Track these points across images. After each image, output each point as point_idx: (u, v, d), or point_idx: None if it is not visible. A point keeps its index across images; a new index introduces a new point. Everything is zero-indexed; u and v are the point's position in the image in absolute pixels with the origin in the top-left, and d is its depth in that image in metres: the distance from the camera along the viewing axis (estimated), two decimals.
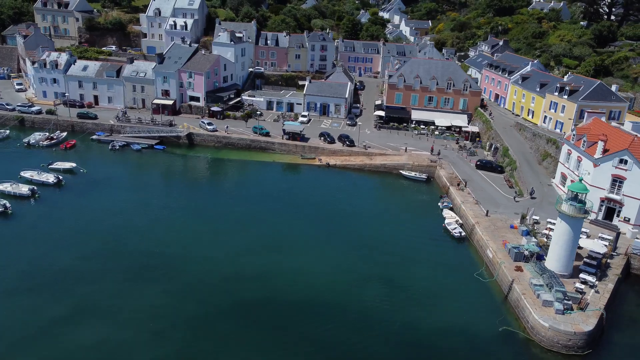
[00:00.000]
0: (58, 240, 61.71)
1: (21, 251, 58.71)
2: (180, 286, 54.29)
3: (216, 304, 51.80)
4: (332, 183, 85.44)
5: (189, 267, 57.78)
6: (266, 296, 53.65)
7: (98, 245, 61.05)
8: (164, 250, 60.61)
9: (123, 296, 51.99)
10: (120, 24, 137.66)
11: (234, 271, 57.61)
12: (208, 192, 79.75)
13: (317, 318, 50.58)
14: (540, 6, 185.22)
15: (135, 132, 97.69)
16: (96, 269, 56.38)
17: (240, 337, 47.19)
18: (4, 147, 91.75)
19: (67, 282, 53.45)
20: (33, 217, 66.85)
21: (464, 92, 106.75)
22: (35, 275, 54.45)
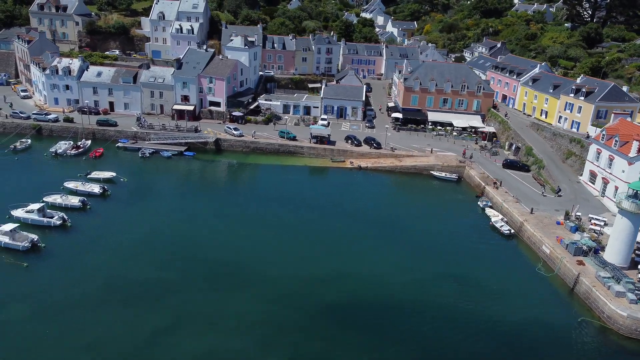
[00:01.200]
0: (125, 251, 61.56)
1: (94, 263, 58.37)
2: (265, 292, 55.42)
3: (306, 307, 53.28)
4: (369, 185, 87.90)
5: (265, 272, 58.86)
6: (348, 298, 55.57)
7: (167, 255, 61.30)
8: (235, 257, 61.43)
9: (215, 304, 52.79)
10: (123, 27, 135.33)
11: (308, 275, 59.10)
12: (253, 198, 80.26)
13: (405, 316, 52.87)
14: (523, 8, 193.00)
15: (162, 138, 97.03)
16: (176, 278, 56.80)
17: (343, 339, 48.95)
18: (30, 157, 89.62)
19: (156, 293, 53.76)
20: (91, 229, 66.15)
21: (477, 93, 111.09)
22: (120, 287, 54.46)
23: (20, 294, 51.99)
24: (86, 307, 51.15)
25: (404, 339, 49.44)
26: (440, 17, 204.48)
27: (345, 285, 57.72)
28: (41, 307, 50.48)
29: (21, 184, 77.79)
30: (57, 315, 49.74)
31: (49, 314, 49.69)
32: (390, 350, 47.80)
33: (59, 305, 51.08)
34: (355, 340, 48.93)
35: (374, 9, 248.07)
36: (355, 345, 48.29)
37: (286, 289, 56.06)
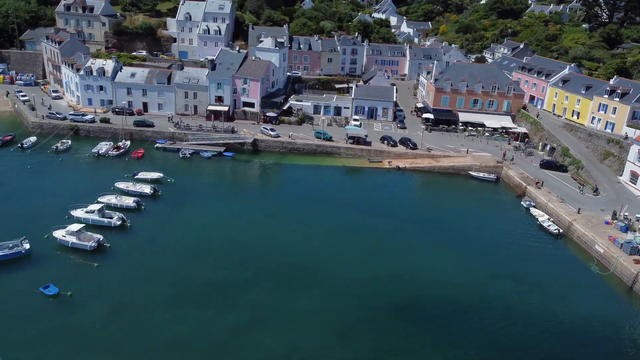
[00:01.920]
0: (186, 251, 62.38)
1: (160, 263, 59.21)
2: (330, 290, 56.35)
3: (374, 306, 54.30)
4: (410, 185, 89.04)
5: (326, 271, 59.77)
6: (413, 297, 56.60)
7: (227, 255, 62.10)
8: (294, 257, 62.25)
9: (285, 303, 53.71)
10: (150, 28, 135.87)
11: (369, 274, 59.96)
12: (298, 198, 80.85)
13: (471, 316, 53.86)
14: (539, 9, 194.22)
15: (200, 139, 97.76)
16: (242, 277, 57.63)
17: (416, 337, 49.99)
18: (74, 158, 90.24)
19: (225, 292, 54.64)
20: (149, 229, 66.88)
21: (507, 94, 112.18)
22: (189, 286, 55.30)
23: (96, 293, 52.79)
24: (160, 306, 52.06)
25: (473, 338, 50.46)
26: (456, 18, 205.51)
27: (407, 284, 58.66)
28: (117, 307, 51.31)
29: (72, 185, 78.65)
30: (133, 314, 50.58)
31: (125, 314, 50.52)
32: (465, 348, 48.83)
33: (133, 305, 51.94)
34: (428, 337, 50.03)
35: (386, 9, 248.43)
36: (429, 342, 49.37)
37: (350, 288, 56.99)
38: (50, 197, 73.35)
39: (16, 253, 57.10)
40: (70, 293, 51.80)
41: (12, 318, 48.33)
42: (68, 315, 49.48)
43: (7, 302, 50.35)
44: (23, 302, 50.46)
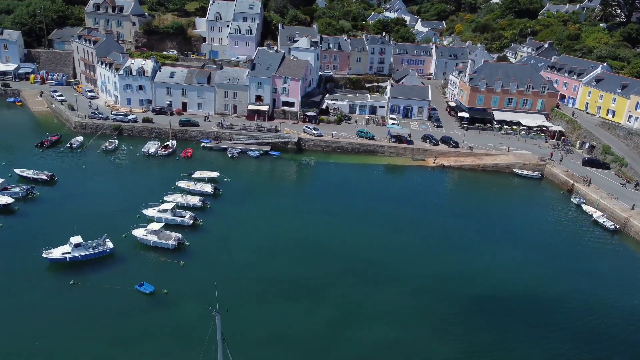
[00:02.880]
0: (262, 248, 63.28)
1: (240, 261, 60.15)
2: (413, 285, 57.73)
3: (456, 301, 55.62)
4: (457, 183, 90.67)
5: (399, 268, 61.04)
6: (491, 291, 58.03)
7: (301, 252, 63.11)
8: (364, 253, 63.54)
9: (374, 297, 55.08)
10: (181, 28, 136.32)
11: (441, 270, 61.38)
12: (353, 196, 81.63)
13: (551, 308, 55.42)
14: (554, 8, 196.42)
15: (246, 138, 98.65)
16: (325, 273, 58.77)
17: (505, 331, 51.42)
18: (125, 158, 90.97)
19: (312, 288, 55.85)
20: (220, 227, 67.66)
21: (542, 93, 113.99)
22: (277, 283, 56.37)
23: (188, 291, 53.68)
24: (253, 302, 53.18)
25: (560, 331, 51.93)
26: (471, 17, 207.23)
27: (483, 280, 60.04)
28: (211, 304, 52.13)
29: (133, 184, 79.53)
30: (229, 311, 51.45)
31: (222, 304, 51.22)
32: (554, 341, 50.30)
33: (226, 302, 52.79)
34: (517, 331, 51.43)
35: (398, 9, 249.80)
36: (519, 335, 50.79)
37: (430, 284, 58.37)
38: (114, 197, 74.12)
39: (101, 252, 57.90)
40: (166, 291, 52.73)
41: (114, 315, 49.22)
42: (167, 312, 50.42)
43: (106, 300, 51.17)
44: (121, 300, 51.30)
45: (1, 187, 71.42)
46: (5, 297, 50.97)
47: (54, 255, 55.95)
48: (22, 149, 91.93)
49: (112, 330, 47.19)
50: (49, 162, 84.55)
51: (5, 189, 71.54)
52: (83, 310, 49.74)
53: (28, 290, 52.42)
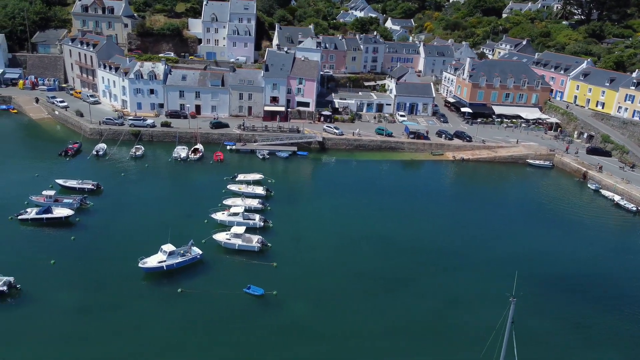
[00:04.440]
0: (339, 245, 65.13)
1: (325, 259, 61.85)
2: (493, 270, 61.58)
3: (549, 281, 60.12)
4: (481, 174, 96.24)
5: (474, 254, 65.17)
6: (557, 270, 63.02)
7: (380, 246, 65.65)
8: (434, 244, 67.11)
9: (468, 283, 58.54)
10: (177, 29, 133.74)
11: (507, 255, 65.81)
12: (395, 190, 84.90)
13: (619, 284, 61.38)
14: (517, 7, 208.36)
15: (272, 140, 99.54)
16: (408, 264, 61.62)
17: (584, 307, 56.68)
18: (156, 164, 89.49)
19: (408, 279, 58.69)
20: (289, 228, 68.65)
21: (536, 88, 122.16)
22: (370, 277, 58.64)
23: (292, 291, 54.90)
24: (354, 296, 55.17)
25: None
26: (439, 16, 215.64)
27: (545, 260, 64.88)
28: (316, 301, 53.94)
29: (181, 189, 78.90)
30: (336, 306, 53.43)
31: (328, 307, 53.29)
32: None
33: (329, 298, 54.74)
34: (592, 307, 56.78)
35: (363, 7, 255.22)
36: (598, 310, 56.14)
37: (508, 268, 62.25)
38: (170, 203, 73.41)
39: (193, 259, 57.96)
40: (276, 292, 53.79)
41: (238, 319, 49.92)
42: (280, 313, 51.58)
43: (221, 305, 51.60)
44: (236, 304, 51.93)
45: (53, 199, 68.99)
46: (116, 309, 50.32)
47: (150, 265, 55.46)
48: (45, 159, 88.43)
49: (243, 334, 47.89)
50: (81, 171, 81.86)
51: (57, 200, 69.16)
52: (201, 317, 49.99)
53: (135, 301, 51.92)
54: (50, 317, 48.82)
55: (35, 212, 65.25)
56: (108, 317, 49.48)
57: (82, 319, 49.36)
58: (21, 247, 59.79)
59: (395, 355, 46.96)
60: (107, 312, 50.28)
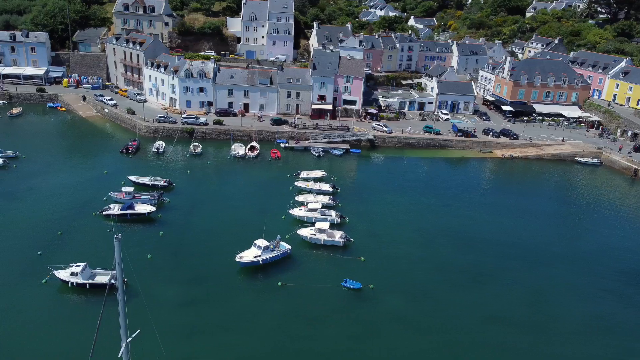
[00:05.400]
0: (417, 240, 66.47)
1: (406, 253, 63.11)
2: (580, 262, 63.32)
3: (618, 274, 61.50)
4: (535, 172, 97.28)
5: (560, 249, 66.59)
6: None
7: (456, 241, 66.88)
8: (509, 238, 68.34)
9: (554, 277, 59.92)
10: (218, 28, 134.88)
11: (585, 250, 67.22)
12: (454, 186, 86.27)
13: None
14: (541, 5, 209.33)
15: (324, 137, 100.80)
16: (490, 259, 62.87)
17: None
18: (217, 162, 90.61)
19: (494, 273, 59.97)
20: (363, 224, 69.97)
21: (576, 86, 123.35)
22: (455, 271, 59.91)
23: (388, 286, 56.15)
24: (444, 289, 56.46)
25: None
26: (464, 14, 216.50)
27: (623, 255, 66.22)
28: (409, 294, 55.26)
29: (248, 186, 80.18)
30: (429, 299, 54.78)
31: (421, 300, 54.66)
32: None
33: (421, 291, 56.06)
34: None
35: (383, 6, 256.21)
36: None
37: (594, 260, 64.00)
38: (242, 200, 74.62)
39: (284, 253, 59.26)
40: (372, 286, 55.11)
41: (342, 311, 51.26)
42: (378, 305, 52.84)
43: (319, 296, 52.90)
44: (332, 296, 53.25)
45: (132, 195, 70.28)
46: (221, 302, 51.61)
47: (247, 259, 56.74)
48: (107, 156, 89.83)
49: (344, 326, 49.14)
50: (146, 168, 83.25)
51: (135, 197, 70.42)
52: (303, 309, 51.23)
53: (237, 294, 53.22)
54: (160, 311, 49.88)
55: (119, 208, 66.50)
56: (214, 309, 50.79)
57: (188, 311, 50.65)
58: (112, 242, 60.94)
59: (494, 346, 48.16)
60: (212, 304, 51.61)
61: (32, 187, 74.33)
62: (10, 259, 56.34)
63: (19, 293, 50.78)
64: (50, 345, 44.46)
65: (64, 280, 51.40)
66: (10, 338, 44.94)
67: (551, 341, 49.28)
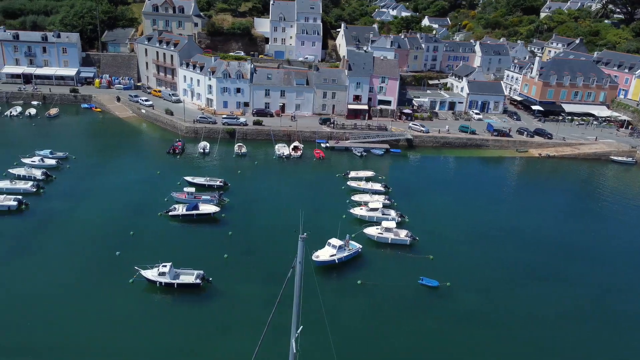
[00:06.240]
0: (475, 238, 67.70)
1: (472, 252, 64.29)
2: (624, 259, 64.66)
3: None
4: (572, 170, 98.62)
5: (601, 247, 67.88)
6: None
7: (514, 238, 68.11)
8: (563, 237, 69.62)
9: (613, 275, 61.23)
10: (247, 28, 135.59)
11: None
12: (498, 185, 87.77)
13: None
14: (555, 5, 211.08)
15: (364, 137, 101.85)
16: (549, 257, 64.13)
17: None
18: (264, 162, 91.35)
19: (556, 271, 61.19)
20: (422, 222, 70.93)
21: (604, 86, 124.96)
22: (519, 268, 61.15)
23: (463, 283, 57.21)
24: (513, 285, 57.67)
25: None
26: (479, 14, 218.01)
27: None
28: (482, 290, 56.39)
29: (302, 186, 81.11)
30: (502, 293, 56.00)
31: (495, 294, 55.82)
32: None
33: (493, 287, 57.22)
34: None
35: (395, 6, 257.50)
36: None
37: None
38: (300, 200, 74.80)
39: (355, 252, 60.32)
40: (449, 284, 56.24)
41: (426, 308, 52.40)
42: (457, 303, 53.96)
43: (398, 294, 53.97)
44: (411, 293, 54.36)
45: (193, 195, 71.06)
46: (307, 299, 52.16)
47: (324, 258, 57.70)
48: (155, 156, 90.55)
49: (425, 323, 50.30)
50: (196, 169, 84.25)
51: (195, 197, 71.17)
52: (384, 307, 52.21)
53: (316, 292, 53.74)
54: (246, 309, 50.96)
55: (184, 209, 67.26)
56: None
57: (267, 309, 51.27)
58: (188, 242, 61.94)
59: (571, 341, 49.33)
60: (289, 302, 52.45)
61: (89, 188, 75.04)
62: (90, 258, 57.09)
63: (108, 293, 51.45)
64: (147, 344, 45.21)
65: (151, 280, 52.14)
66: (106, 337, 45.54)
67: (626, 336, 50.58)
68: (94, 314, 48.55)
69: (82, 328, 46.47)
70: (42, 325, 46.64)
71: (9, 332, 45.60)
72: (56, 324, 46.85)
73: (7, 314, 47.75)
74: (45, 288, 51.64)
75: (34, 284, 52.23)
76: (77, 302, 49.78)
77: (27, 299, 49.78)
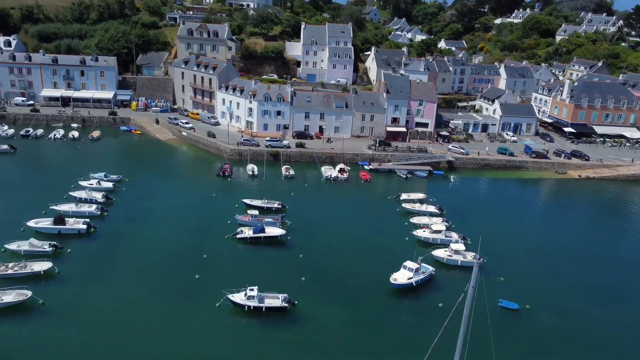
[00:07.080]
0: (536, 256, 68.42)
1: (533, 270, 64.90)
2: None
3: None
4: (615, 192, 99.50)
5: None
6: None
7: (572, 256, 69.28)
8: (616, 254, 70.63)
9: None
10: (280, 52, 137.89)
11: None
12: (543, 205, 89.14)
13: None
14: (571, 29, 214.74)
15: (406, 159, 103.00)
16: (609, 274, 64.82)
17: None
18: (316, 185, 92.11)
19: (618, 287, 61.79)
20: (482, 244, 71.76)
21: (635, 108, 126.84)
22: (595, 287, 61.75)
23: (543, 305, 57.71)
24: (589, 306, 58.12)
25: None
26: (495, 37, 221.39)
27: None
28: (562, 312, 56.81)
29: (358, 209, 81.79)
30: (576, 315, 56.40)
31: (571, 316, 56.20)
32: None
33: (569, 307, 57.65)
34: None
35: (410, 29, 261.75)
36: None
37: None
38: (359, 222, 76.10)
39: (429, 275, 60.87)
40: (529, 306, 56.72)
41: (512, 330, 52.81)
42: (541, 326, 54.40)
43: (480, 317, 54.06)
44: (493, 317, 54.20)
45: (257, 218, 71.73)
46: (382, 322, 52.97)
47: (402, 281, 58.20)
48: (205, 179, 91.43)
49: (520, 346, 50.88)
50: (250, 191, 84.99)
51: (259, 220, 71.81)
52: (472, 329, 52.49)
53: (397, 314, 54.80)
54: (327, 331, 51.40)
55: (252, 231, 67.83)
56: (381, 329, 52.10)
57: (353, 331, 51.88)
58: (260, 265, 62.37)
59: None
60: (378, 324, 52.93)
61: (150, 210, 75.67)
62: (169, 281, 57.46)
63: (195, 316, 51.76)
64: None
65: (238, 303, 52.46)
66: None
67: None
68: (183, 337, 48.88)
69: (174, 350, 46.99)
70: (134, 345, 47.11)
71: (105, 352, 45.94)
72: (148, 345, 47.39)
73: (101, 335, 48.07)
74: (131, 310, 52.07)
75: (118, 306, 52.58)
76: (166, 325, 50.24)
77: (115, 322, 50.10)
